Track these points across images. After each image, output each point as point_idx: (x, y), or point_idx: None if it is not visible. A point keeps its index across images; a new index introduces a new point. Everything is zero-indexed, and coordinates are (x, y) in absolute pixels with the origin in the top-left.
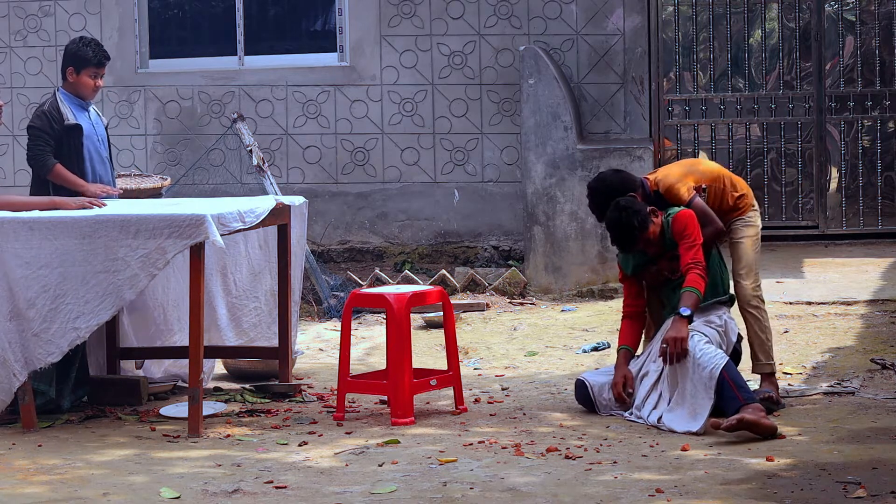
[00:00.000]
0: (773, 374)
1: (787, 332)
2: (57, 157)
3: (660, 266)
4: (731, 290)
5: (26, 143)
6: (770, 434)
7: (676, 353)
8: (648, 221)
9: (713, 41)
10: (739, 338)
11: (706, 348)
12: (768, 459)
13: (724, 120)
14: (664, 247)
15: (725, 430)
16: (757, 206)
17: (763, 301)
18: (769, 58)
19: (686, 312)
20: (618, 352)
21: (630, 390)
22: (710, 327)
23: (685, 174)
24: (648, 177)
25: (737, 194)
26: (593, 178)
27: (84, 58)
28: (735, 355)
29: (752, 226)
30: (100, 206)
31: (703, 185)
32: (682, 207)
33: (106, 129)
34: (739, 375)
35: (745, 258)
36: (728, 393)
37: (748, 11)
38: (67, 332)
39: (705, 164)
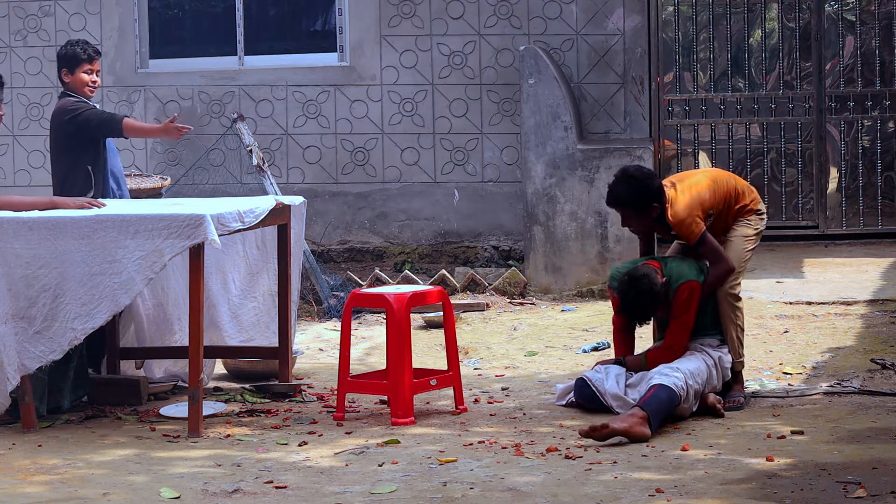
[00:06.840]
0: (739, 371)
1: (787, 332)
2: (81, 148)
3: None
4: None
5: (83, 123)
6: (640, 441)
7: None
8: (660, 300)
9: (713, 41)
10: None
11: (663, 370)
12: (768, 459)
13: (724, 120)
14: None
15: (599, 440)
16: (761, 209)
17: (739, 299)
18: (769, 58)
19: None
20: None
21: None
22: (702, 361)
23: (695, 204)
24: (666, 190)
25: (738, 206)
26: (620, 170)
27: (74, 55)
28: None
29: (748, 226)
30: (99, 207)
31: (711, 211)
32: (688, 278)
33: None
34: (664, 394)
35: (731, 256)
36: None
37: (748, 11)
38: (67, 331)
39: (714, 184)
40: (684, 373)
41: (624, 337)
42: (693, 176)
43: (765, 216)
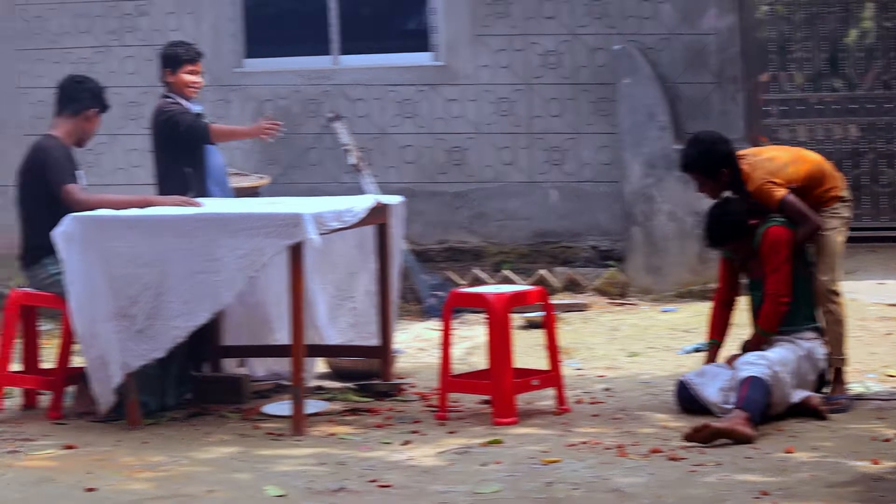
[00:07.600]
0: (839, 369)
1: (889, 333)
2: (176, 149)
3: (746, 264)
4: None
5: (174, 126)
6: (744, 441)
7: None
8: (744, 230)
9: (808, 41)
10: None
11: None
12: (874, 462)
13: (821, 120)
14: (752, 251)
15: (702, 442)
16: (846, 196)
17: (839, 294)
18: (866, 57)
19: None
20: (708, 347)
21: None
22: (791, 350)
23: (772, 171)
24: (742, 160)
25: (821, 189)
26: (692, 135)
27: (176, 56)
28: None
29: (836, 217)
30: (195, 206)
31: (792, 185)
32: (775, 222)
33: None
34: (757, 392)
35: (825, 251)
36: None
37: (843, 11)
38: (169, 329)
39: (796, 160)
40: (770, 360)
41: (721, 312)
42: (772, 151)
43: (850, 204)
